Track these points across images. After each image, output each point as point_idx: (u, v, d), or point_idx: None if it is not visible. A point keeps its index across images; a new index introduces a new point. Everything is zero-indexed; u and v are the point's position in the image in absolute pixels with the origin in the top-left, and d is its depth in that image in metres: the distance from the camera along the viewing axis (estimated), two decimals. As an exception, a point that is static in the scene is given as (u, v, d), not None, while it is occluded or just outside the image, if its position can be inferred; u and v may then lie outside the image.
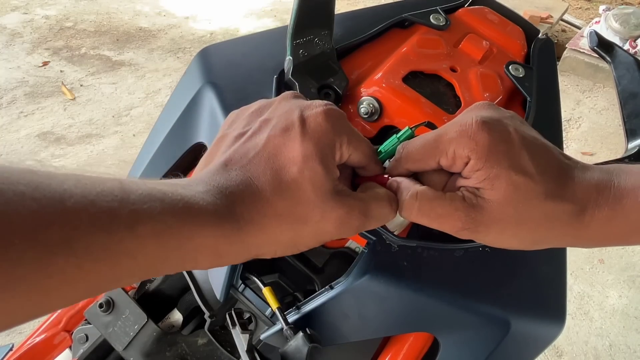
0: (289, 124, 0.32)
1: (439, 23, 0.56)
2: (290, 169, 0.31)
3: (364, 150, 0.35)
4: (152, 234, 0.25)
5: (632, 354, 1.62)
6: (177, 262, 0.28)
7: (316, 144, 0.31)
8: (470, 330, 0.44)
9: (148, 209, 0.25)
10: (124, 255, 0.25)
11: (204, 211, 0.28)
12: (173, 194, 0.27)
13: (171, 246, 0.27)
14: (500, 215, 0.32)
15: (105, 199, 0.24)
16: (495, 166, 0.32)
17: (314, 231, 0.32)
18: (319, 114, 0.32)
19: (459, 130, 0.33)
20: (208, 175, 0.30)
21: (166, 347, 0.55)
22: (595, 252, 1.93)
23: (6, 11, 3.07)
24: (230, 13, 3.39)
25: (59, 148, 2.17)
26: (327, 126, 0.32)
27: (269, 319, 0.50)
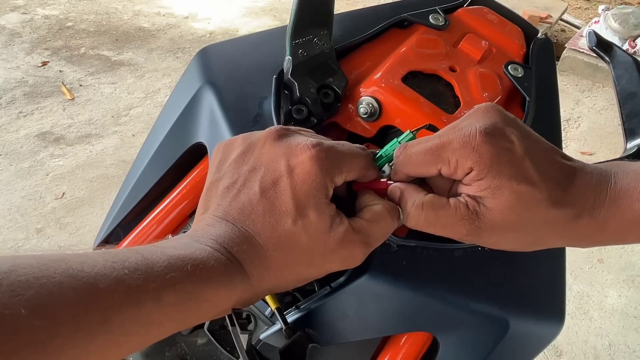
0: (276, 176, 0.33)
1: (438, 23, 0.56)
2: (286, 222, 0.32)
3: (359, 167, 0.35)
4: (175, 302, 0.28)
5: (631, 354, 1.62)
6: (196, 319, 0.30)
7: (307, 193, 0.32)
8: (469, 330, 0.44)
9: (170, 279, 0.27)
10: (152, 325, 0.27)
11: (217, 273, 0.30)
12: (190, 260, 0.29)
13: (192, 309, 0.29)
14: (502, 222, 0.33)
15: (133, 276, 0.26)
16: (497, 177, 0.32)
17: (320, 270, 0.34)
18: (305, 162, 0.32)
19: (463, 141, 0.33)
20: (214, 233, 0.32)
21: (165, 347, 0.55)
22: (595, 252, 1.93)
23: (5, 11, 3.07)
24: (230, 13, 3.39)
25: (58, 148, 2.17)
26: (315, 172, 0.32)
27: (269, 319, 0.50)
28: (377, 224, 0.34)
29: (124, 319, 0.25)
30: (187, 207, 0.55)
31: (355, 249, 0.33)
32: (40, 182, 2.02)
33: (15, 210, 1.89)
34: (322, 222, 0.32)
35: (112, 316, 0.25)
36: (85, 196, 1.98)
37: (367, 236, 0.33)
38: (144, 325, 0.27)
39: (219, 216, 0.33)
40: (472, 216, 0.33)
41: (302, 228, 0.32)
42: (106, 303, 0.25)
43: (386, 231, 0.35)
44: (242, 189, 0.33)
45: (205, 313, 0.30)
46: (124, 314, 0.25)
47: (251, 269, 0.31)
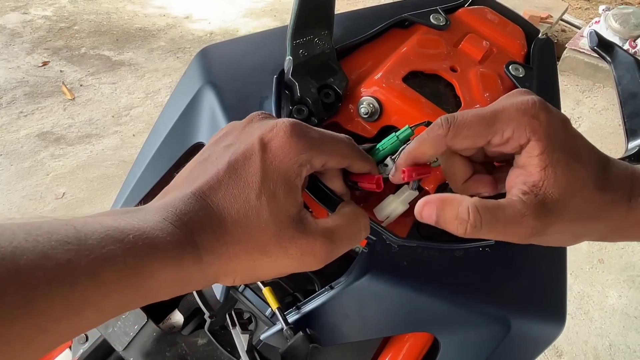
0: (249, 148, 0.31)
1: (439, 23, 0.56)
2: (249, 196, 0.29)
3: (341, 153, 0.33)
4: (115, 279, 0.24)
5: (631, 354, 1.62)
6: (140, 300, 0.27)
7: (276, 169, 0.30)
8: (470, 331, 0.44)
9: (107, 253, 0.24)
10: (88, 307, 0.23)
11: (165, 244, 0.27)
12: (132, 231, 0.26)
13: (134, 287, 0.25)
14: (563, 211, 0.30)
15: (61, 249, 0.22)
16: (557, 150, 0.30)
17: (273, 264, 0.30)
18: (279, 135, 0.31)
19: (521, 108, 0.30)
20: (168, 203, 0.29)
21: (166, 347, 0.55)
22: (595, 252, 1.93)
23: (6, 11, 3.07)
24: (230, 13, 3.39)
25: (58, 148, 2.17)
26: (289, 146, 0.30)
27: (269, 319, 0.50)
28: (344, 224, 0.32)
29: (52, 300, 0.21)
30: (187, 207, 0.55)
31: (317, 244, 0.30)
32: (41, 182, 2.02)
33: (16, 210, 1.89)
34: (288, 203, 0.30)
35: (36, 297, 0.21)
36: (86, 196, 1.98)
37: (332, 234, 0.31)
38: (77, 308, 0.23)
39: (179, 188, 0.30)
40: (535, 208, 0.30)
41: (265, 204, 0.29)
42: (29, 282, 0.21)
43: (354, 233, 0.33)
44: (213, 162, 0.31)
45: (149, 293, 0.27)
46: (52, 295, 0.21)
47: (202, 239, 0.28)
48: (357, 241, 0.34)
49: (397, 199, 0.43)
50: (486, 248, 0.44)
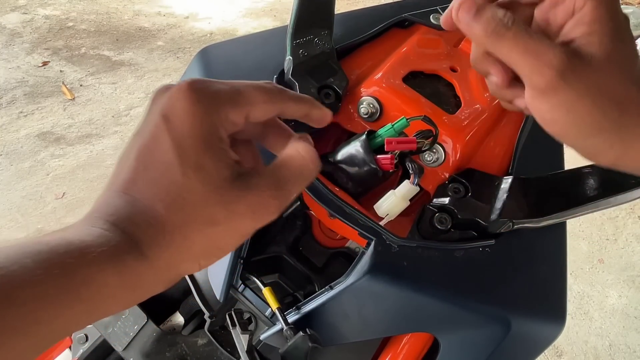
0: (152, 127, 0.28)
1: (439, 23, 0.56)
2: (173, 176, 0.27)
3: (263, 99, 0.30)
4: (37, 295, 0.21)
5: (631, 354, 1.62)
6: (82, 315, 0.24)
7: (190, 137, 0.27)
8: (470, 331, 0.44)
9: (19, 269, 0.21)
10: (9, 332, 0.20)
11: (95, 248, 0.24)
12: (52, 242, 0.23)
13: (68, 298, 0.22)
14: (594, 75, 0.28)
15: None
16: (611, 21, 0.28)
17: (229, 230, 0.28)
18: (180, 100, 0.27)
19: None
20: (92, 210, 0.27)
21: (166, 348, 0.55)
22: (595, 252, 1.93)
23: (6, 11, 3.07)
24: (230, 13, 3.39)
25: (58, 148, 2.17)
26: (193, 109, 0.27)
27: (269, 319, 0.50)
28: (287, 164, 0.30)
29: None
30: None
31: (265, 195, 0.28)
32: (41, 182, 2.02)
33: (16, 210, 1.89)
34: (218, 168, 0.27)
35: None
36: (86, 196, 1.98)
37: (277, 180, 0.29)
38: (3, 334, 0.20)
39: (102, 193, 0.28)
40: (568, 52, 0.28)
41: (194, 177, 0.26)
42: None
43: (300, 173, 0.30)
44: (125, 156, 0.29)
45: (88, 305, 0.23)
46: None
47: (141, 235, 0.26)
48: (308, 177, 0.30)
49: (397, 194, 0.42)
50: (486, 248, 0.44)
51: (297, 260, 0.54)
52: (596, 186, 0.42)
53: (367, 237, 0.43)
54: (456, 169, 0.47)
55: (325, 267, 0.54)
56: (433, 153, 0.47)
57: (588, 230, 2.01)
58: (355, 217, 0.43)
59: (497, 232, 0.44)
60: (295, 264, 0.53)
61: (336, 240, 0.56)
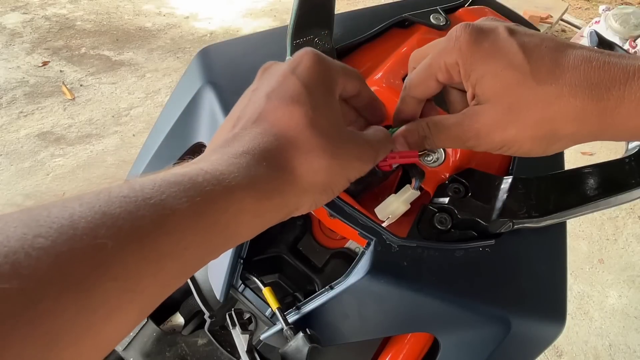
0: (280, 76, 0.31)
1: (439, 23, 0.56)
2: (303, 108, 0.30)
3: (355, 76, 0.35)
4: (185, 222, 0.23)
5: (632, 354, 1.62)
6: (220, 241, 0.25)
7: (314, 82, 0.31)
8: (470, 331, 0.44)
9: (168, 197, 0.22)
10: (164, 257, 0.22)
11: (230, 175, 0.25)
12: (190, 172, 0.24)
13: (207, 226, 0.24)
14: (497, 113, 0.32)
15: (118, 205, 0.21)
16: (480, 65, 0.32)
17: (343, 168, 0.31)
18: (305, 59, 0.32)
19: (446, 39, 0.34)
20: (220, 146, 0.28)
21: (166, 348, 0.55)
22: (595, 252, 1.93)
23: (6, 11, 3.07)
24: (230, 13, 3.39)
25: (58, 148, 2.17)
26: (319, 66, 0.32)
27: (269, 319, 0.50)
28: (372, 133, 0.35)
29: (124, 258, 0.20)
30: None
31: (366, 148, 0.32)
32: (41, 182, 2.02)
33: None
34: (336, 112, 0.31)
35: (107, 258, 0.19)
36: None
37: (373, 142, 0.33)
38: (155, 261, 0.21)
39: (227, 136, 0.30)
40: (471, 117, 0.33)
41: (320, 113, 0.30)
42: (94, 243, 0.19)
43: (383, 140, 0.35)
44: (248, 104, 0.32)
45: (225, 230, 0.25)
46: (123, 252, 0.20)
47: (270, 159, 0.28)
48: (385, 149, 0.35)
49: (398, 199, 0.43)
50: (486, 248, 0.44)
51: (297, 260, 0.54)
52: (596, 186, 0.42)
53: (367, 237, 0.43)
54: (456, 169, 0.47)
55: (325, 267, 0.54)
56: (433, 153, 0.47)
57: (588, 230, 2.01)
58: (355, 217, 0.43)
59: (497, 232, 0.44)
60: (295, 264, 0.53)
61: (336, 240, 0.56)
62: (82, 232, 0.19)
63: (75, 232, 0.19)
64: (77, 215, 0.20)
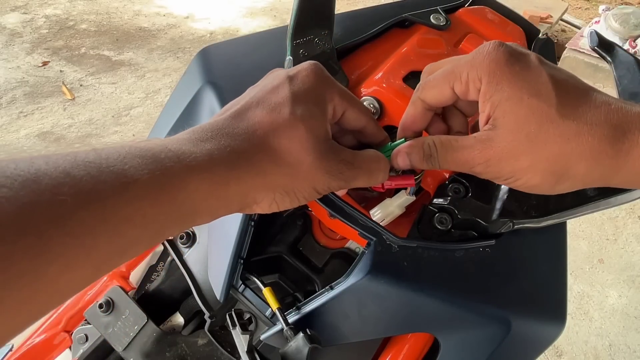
0: (276, 81, 0.32)
1: (439, 23, 0.56)
2: (283, 110, 0.30)
3: (359, 108, 0.35)
4: (143, 192, 0.24)
5: (631, 354, 1.62)
6: (177, 217, 0.26)
7: (305, 93, 0.32)
8: (470, 331, 0.44)
9: (130, 167, 0.24)
10: (123, 222, 0.23)
11: (191, 155, 0.26)
12: (154, 148, 0.26)
13: (165, 200, 0.25)
14: (513, 142, 0.30)
15: (82, 167, 0.22)
16: (507, 87, 0.30)
17: (308, 177, 0.31)
18: (304, 69, 0.33)
19: (474, 54, 0.32)
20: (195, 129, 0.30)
21: (166, 348, 0.54)
22: (595, 252, 1.93)
23: (6, 11, 3.07)
24: (230, 13, 3.39)
25: (58, 148, 2.17)
26: (314, 78, 0.32)
27: (269, 320, 0.50)
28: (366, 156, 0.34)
29: (83, 216, 0.21)
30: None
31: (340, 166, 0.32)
32: (41, 182, 2.02)
33: (16, 210, 1.89)
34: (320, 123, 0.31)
35: (65, 214, 0.21)
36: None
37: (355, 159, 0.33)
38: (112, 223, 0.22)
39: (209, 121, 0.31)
40: (480, 142, 0.31)
41: (300, 119, 0.30)
42: (54, 199, 0.21)
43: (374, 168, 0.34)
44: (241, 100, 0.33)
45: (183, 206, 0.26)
46: (82, 211, 0.21)
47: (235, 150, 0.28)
48: (375, 178, 0.34)
49: (393, 203, 0.43)
50: (487, 248, 0.44)
51: (297, 260, 0.54)
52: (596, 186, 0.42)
53: (367, 237, 0.43)
54: (456, 169, 0.47)
55: (325, 267, 0.54)
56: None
57: (588, 230, 2.01)
58: (355, 217, 0.43)
59: (497, 232, 0.44)
60: (295, 264, 0.53)
61: (336, 240, 0.56)
62: (45, 187, 0.21)
63: (38, 187, 0.21)
64: (42, 172, 0.21)
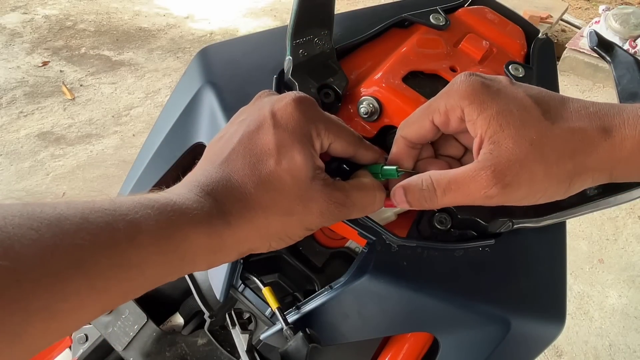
0: (260, 119, 0.33)
1: (438, 23, 0.56)
2: (268, 161, 0.31)
3: (346, 138, 0.35)
4: (152, 241, 0.26)
5: (631, 354, 1.62)
6: (178, 265, 0.28)
7: (291, 134, 0.32)
8: (470, 330, 0.44)
9: (141, 217, 0.26)
10: (131, 267, 0.25)
11: (192, 211, 0.28)
12: (161, 200, 0.28)
13: (170, 250, 0.27)
14: (520, 154, 0.30)
15: (99, 214, 0.25)
16: (494, 105, 0.31)
17: (301, 221, 0.32)
18: (288, 104, 0.33)
19: (448, 87, 0.33)
20: (190, 178, 0.31)
21: (166, 347, 0.55)
22: (595, 252, 1.93)
23: (6, 11, 3.07)
24: (230, 13, 3.39)
25: (58, 148, 2.17)
26: (298, 115, 0.32)
27: (269, 319, 0.50)
28: (359, 191, 0.34)
29: (98, 260, 0.24)
30: (187, 207, 0.55)
31: (332, 204, 0.32)
32: (41, 182, 2.02)
33: (16, 210, 1.89)
34: (306, 166, 0.31)
35: (83, 257, 0.23)
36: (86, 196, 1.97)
37: (347, 197, 0.33)
38: (122, 267, 0.25)
39: (199, 165, 0.33)
40: (488, 163, 0.31)
41: (286, 169, 0.31)
42: (74, 242, 0.23)
43: (366, 202, 0.34)
44: (229, 138, 0.33)
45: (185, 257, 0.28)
46: (97, 255, 0.24)
47: (229, 206, 0.30)
48: (369, 211, 0.35)
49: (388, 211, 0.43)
50: (486, 248, 0.44)
51: (297, 260, 0.54)
52: (596, 186, 0.42)
53: (367, 237, 0.43)
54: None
55: (325, 267, 0.54)
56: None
57: (588, 230, 2.01)
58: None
59: (497, 232, 0.44)
60: (295, 264, 0.53)
61: (336, 240, 0.56)
62: (66, 231, 0.23)
63: (60, 230, 0.23)
64: (63, 216, 0.24)
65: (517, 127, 0.31)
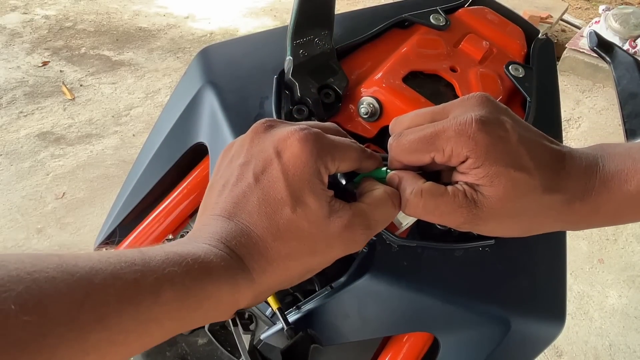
0: (266, 163, 0.32)
1: (439, 23, 0.56)
2: (284, 211, 0.31)
3: (350, 157, 0.35)
4: (175, 298, 0.26)
5: (631, 354, 1.62)
6: (198, 319, 0.29)
7: (300, 177, 0.31)
8: (470, 330, 0.44)
9: (168, 274, 0.26)
10: (152, 322, 0.26)
11: (217, 268, 0.29)
12: (188, 255, 0.28)
13: (192, 306, 0.27)
14: (499, 210, 0.33)
15: (129, 270, 0.25)
16: (494, 165, 0.32)
17: (324, 258, 0.33)
18: (293, 145, 0.32)
19: (458, 129, 0.33)
20: (211, 232, 0.31)
21: (166, 347, 0.55)
22: (595, 252, 1.93)
23: (6, 11, 3.07)
24: (230, 13, 3.39)
25: (58, 148, 2.17)
26: (306, 156, 0.32)
27: (270, 319, 0.50)
28: (377, 207, 0.34)
29: (121, 316, 0.24)
30: (187, 208, 0.55)
31: (357, 232, 0.32)
32: (41, 182, 2.02)
33: (16, 210, 1.89)
34: (322, 208, 0.31)
35: (108, 313, 0.24)
36: (86, 196, 1.98)
37: (368, 219, 0.33)
38: (143, 322, 0.25)
39: (215, 214, 0.32)
40: (470, 204, 0.33)
41: (302, 215, 0.31)
42: (102, 299, 0.24)
43: (387, 215, 0.35)
44: (236, 183, 0.33)
45: (207, 312, 0.29)
46: (121, 311, 0.24)
47: (251, 262, 0.30)
48: (391, 219, 0.36)
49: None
50: (486, 248, 0.44)
51: (297, 260, 0.53)
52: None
53: (367, 237, 0.43)
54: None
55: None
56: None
57: (588, 230, 2.01)
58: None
59: (497, 232, 0.44)
60: (295, 264, 0.53)
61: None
62: (96, 286, 0.24)
63: (90, 285, 0.24)
64: (94, 270, 0.24)
65: (507, 190, 0.32)
